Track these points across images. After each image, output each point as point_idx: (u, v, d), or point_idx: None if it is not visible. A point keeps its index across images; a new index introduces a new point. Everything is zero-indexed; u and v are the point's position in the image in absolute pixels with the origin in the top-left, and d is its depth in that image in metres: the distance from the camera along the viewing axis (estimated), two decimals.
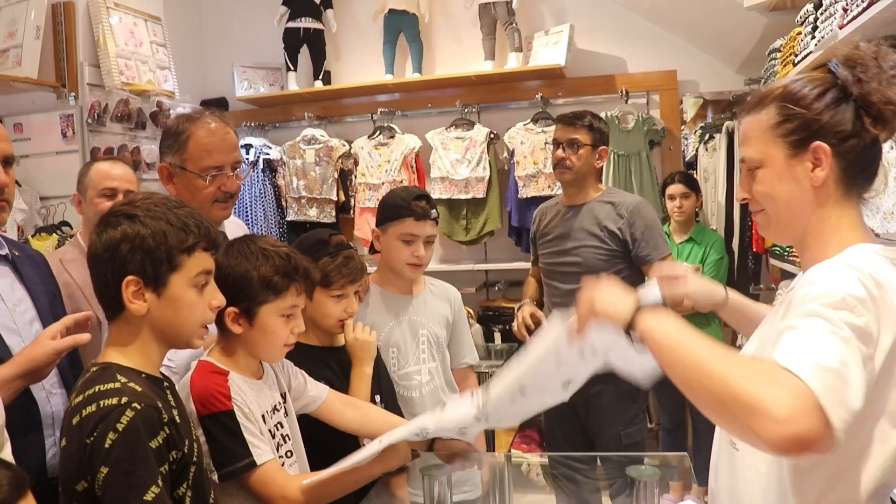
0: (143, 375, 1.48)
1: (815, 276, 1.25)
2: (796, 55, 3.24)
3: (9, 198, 1.88)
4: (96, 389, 1.39)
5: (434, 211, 2.44)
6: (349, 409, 2.06)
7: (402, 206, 2.42)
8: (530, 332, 3.07)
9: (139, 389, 1.41)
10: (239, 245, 1.83)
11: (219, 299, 1.57)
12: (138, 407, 1.36)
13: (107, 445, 1.32)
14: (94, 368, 1.47)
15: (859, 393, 1.10)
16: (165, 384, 1.56)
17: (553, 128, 4.60)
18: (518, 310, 3.25)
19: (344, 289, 2.16)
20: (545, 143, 4.58)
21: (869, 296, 1.17)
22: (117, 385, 1.39)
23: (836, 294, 1.17)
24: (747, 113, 1.42)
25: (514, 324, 3.22)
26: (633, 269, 3.09)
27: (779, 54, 3.65)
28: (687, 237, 4.16)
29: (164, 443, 1.40)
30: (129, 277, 1.45)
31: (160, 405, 1.42)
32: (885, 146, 1.77)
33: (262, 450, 1.72)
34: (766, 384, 1.06)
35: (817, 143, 1.32)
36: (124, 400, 1.36)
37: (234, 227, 2.34)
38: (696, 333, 1.19)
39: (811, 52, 2.97)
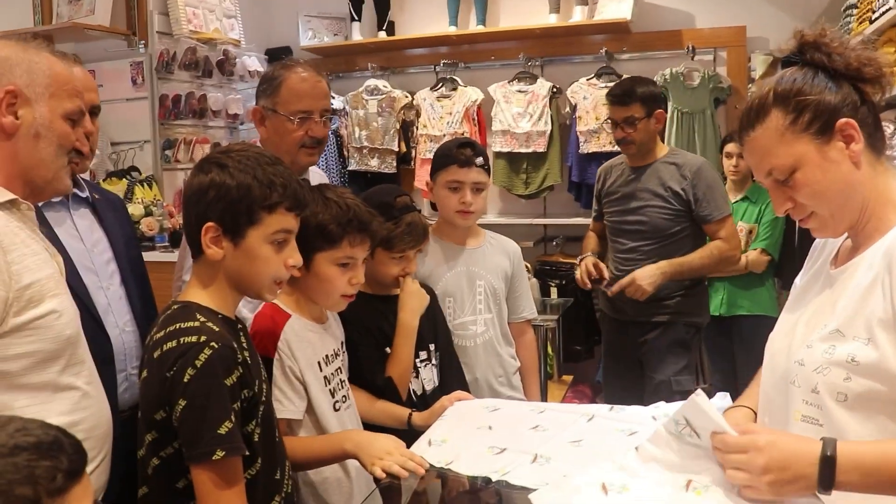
0: (220, 316, 1.54)
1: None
2: (874, 11, 3.14)
3: (93, 146, 1.98)
4: (177, 326, 1.46)
5: (480, 158, 2.44)
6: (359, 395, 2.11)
7: (447, 154, 2.46)
8: (593, 282, 3.27)
9: (217, 329, 1.47)
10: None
11: (296, 258, 1.61)
12: (216, 346, 1.43)
13: (185, 380, 1.40)
14: (176, 306, 1.54)
15: None
16: (239, 326, 1.62)
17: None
18: (580, 261, 3.36)
19: (405, 252, 2.19)
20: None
21: None
22: (196, 324, 1.46)
23: None
24: (751, 128, 1.39)
25: (577, 272, 3.35)
26: (694, 227, 3.21)
27: (855, 10, 3.54)
28: (742, 196, 4.09)
29: (237, 381, 1.46)
30: (209, 224, 1.51)
31: (235, 346, 1.49)
32: None
33: (283, 406, 1.79)
34: None
35: (842, 119, 1.32)
36: (203, 338, 1.43)
37: (317, 178, 2.41)
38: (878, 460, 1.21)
39: (890, 9, 2.87)
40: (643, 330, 3.26)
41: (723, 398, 2.05)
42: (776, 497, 1.26)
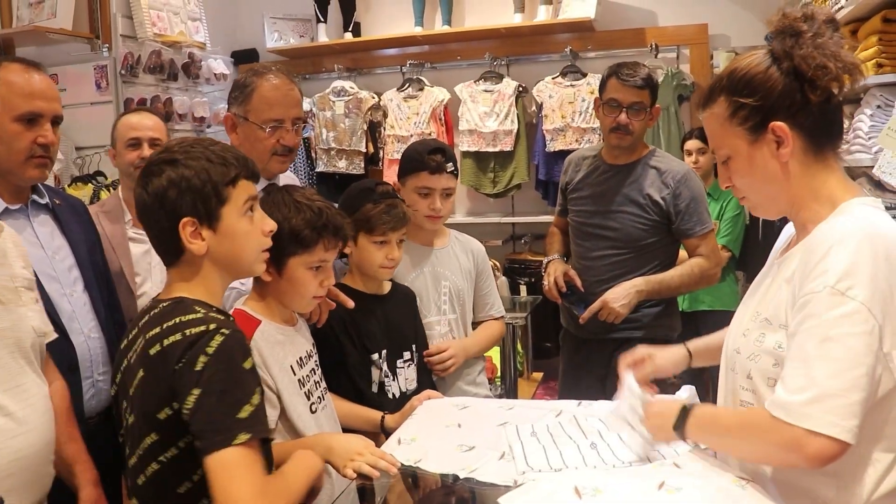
0: (213, 308, 1.50)
1: (818, 248, 1.29)
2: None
3: (53, 156, 1.96)
4: (177, 320, 1.41)
5: (451, 164, 2.45)
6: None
7: (417, 159, 2.46)
8: (562, 295, 2.94)
9: (222, 317, 1.45)
10: (275, 195, 1.87)
11: (269, 224, 1.61)
12: (227, 332, 1.39)
13: (198, 368, 1.34)
14: (165, 304, 1.49)
15: (859, 398, 1.22)
16: (229, 317, 1.57)
17: (581, 82, 4.64)
18: (547, 266, 3.07)
19: (386, 235, 2.21)
20: (574, 98, 4.58)
21: (879, 286, 1.23)
22: (199, 315, 1.42)
23: (844, 302, 1.23)
24: (703, 108, 1.46)
25: (545, 283, 3.01)
26: (669, 240, 2.89)
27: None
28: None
29: (253, 367, 1.42)
30: (185, 219, 1.48)
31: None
32: None
33: None
34: (778, 443, 1.27)
35: (774, 122, 1.35)
36: (212, 326, 1.38)
37: (286, 180, 2.40)
38: (720, 426, 1.44)
39: (842, 8, 2.93)
40: (610, 348, 2.82)
41: (688, 391, 2.09)
42: (658, 439, 1.59)
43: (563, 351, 3.20)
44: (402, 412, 2.07)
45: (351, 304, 2.07)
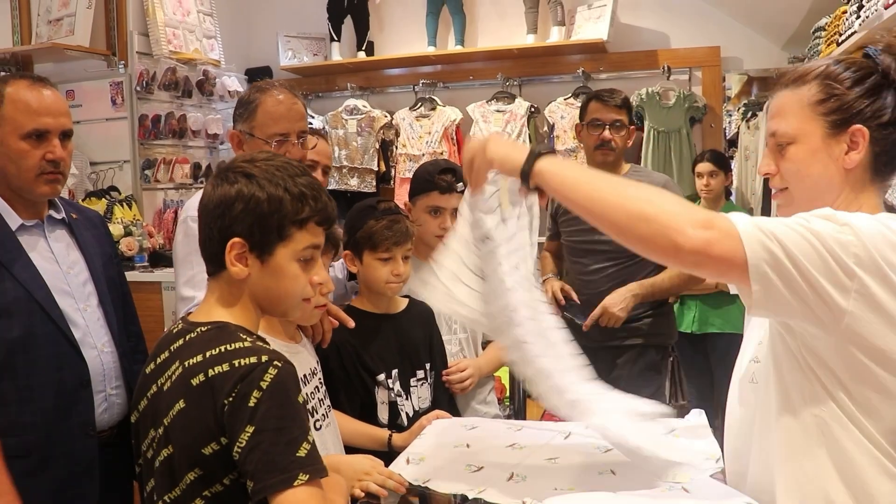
0: (255, 336, 1.42)
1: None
2: (841, 34, 3.22)
3: (64, 170, 1.97)
4: (222, 349, 1.32)
5: (461, 184, 2.47)
6: None
7: (427, 179, 2.49)
8: (561, 308, 3.10)
9: (271, 348, 1.36)
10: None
11: (321, 276, 1.53)
12: (280, 365, 1.30)
13: (251, 404, 1.25)
14: (204, 329, 1.40)
15: (789, 263, 1.16)
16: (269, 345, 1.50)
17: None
18: (543, 284, 3.22)
19: (390, 251, 2.21)
20: None
21: (860, 233, 1.18)
22: (247, 344, 1.33)
23: (827, 211, 1.22)
24: (785, 87, 1.40)
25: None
26: None
27: (823, 33, 3.61)
28: None
29: (305, 401, 1.35)
30: (235, 239, 1.38)
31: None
32: None
33: None
34: (687, 206, 1.22)
35: (858, 125, 1.32)
36: (265, 358, 1.29)
37: None
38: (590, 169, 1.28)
39: (855, 32, 2.95)
40: (613, 355, 3.11)
41: (698, 416, 2.08)
42: (488, 164, 1.48)
43: None
44: (410, 431, 2.07)
45: (351, 323, 2.06)
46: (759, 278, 1.17)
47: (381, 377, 2.20)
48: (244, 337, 1.36)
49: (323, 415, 1.94)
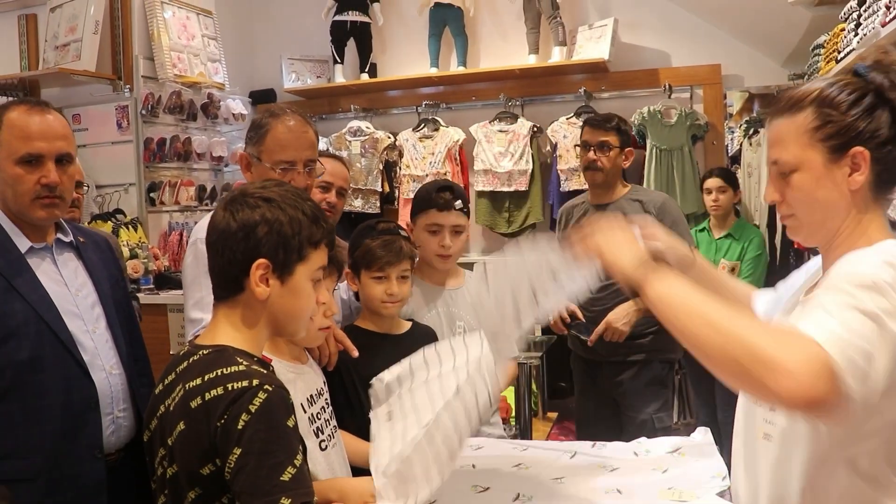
0: (255, 359, 1.47)
1: (843, 262, 1.28)
2: (839, 52, 3.24)
3: (63, 195, 1.96)
4: (218, 373, 1.37)
5: (459, 201, 2.49)
6: None
7: (425, 198, 2.52)
8: (567, 326, 3.17)
9: (265, 372, 1.41)
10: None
11: (325, 296, 1.58)
12: (270, 388, 1.34)
13: (239, 427, 1.30)
14: (206, 352, 1.45)
15: (880, 371, 1.13)
16: (271, 367, 1.54)
17: None
18: None
19: (384, 270, 2.21)
20: None
21: None
22: (241, 368, 1.38)
23: (865, 276, 1.19)
24: (781, 114, 1.41)
25: (550, 317, 3.18)
26: None
27: (822, 50, 3.64)
28: (725, 233, 4.15)
29: (296, 424, 1.38)
30: (261, 260, 1.44)
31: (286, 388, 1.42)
32: None
33: None
34: (785, 344, 1.11)
35: (858, 148, 1.32)
36: (255, 382, 1.34)
37: None
38: (705, 292, 1.25)
39: (854, 50, 2.97)
40: (618, 370, 3.22)
41: (704, 434, 2.09)
42: (598, 258, 1.43)
43: (575, 373, 3.55)
44: None
45: (355, 353, 2.07)
46: (863, 403, 1.14)
47: None
48: (241, 361, 1.40)
49: (329, 435, 1.94)
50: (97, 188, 4.58)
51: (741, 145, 4.95)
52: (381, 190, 5.19)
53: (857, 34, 2.95)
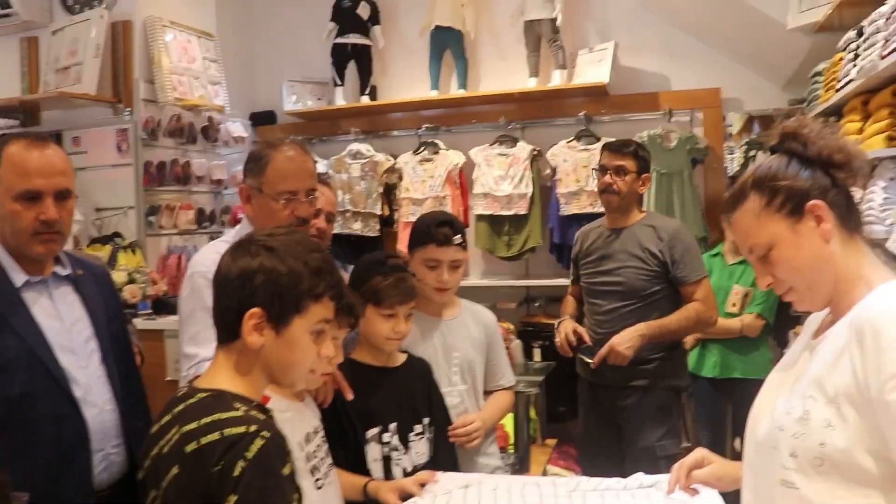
0: (254, 403, 1.46)
1: (883, 339, 1.27)
2: (838, 80, 3.23)
3: (62, 230, 1.96)
4: (216, 418, 1.35)
5: (458, 237, 2.47)
6: None
7: (425, 232, 2.48)
8: (573, 348, 3.23)
9: (262, 418, 1.40)
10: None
11: (329, 350, 1.56)
12: (267, 435, 1.33)
13: (236, 474, 1.29)
14: (203, 395, 1.44)
15: None
16: (270, 412, 1.53)
17: (596, 146, 4.68)
18: (559, 325, 3.35)
19: (394, 308, 2.21)
20: (588, 161, 4.61)
21: None
22: (239, 413, 1.37)
23: None
24: (731, 211, 1.50)
25: (557, 339, 3.31)
26: (672, 288, 3.20)
27: (821, 78, 3.63)
28: (739, 259, 4.09)
29: (291, 472, 1.37)
30: (254, 310, 1.43)
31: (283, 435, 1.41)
32: None
33: None
34: None
35: (812, 202, 1.41)
36: (253, 428, 1.33)
37: None
38: None
39: (852, 80, 2.96)
40: (622, 395, 3.22)
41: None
42: None
43: (580, 397, 3.53)
44: (392, 484, 2.08)
45: (350, 395, 2.06)
46: None
47: (374, 432, 2.19)
48: (238, 406, 1.39)
49: (325, 473, 1.93)
50: (96, 211, 4.57)
51: (741, 166, 4.92)
52: (380, 213, 5.18)
53: (855, 65, 2.95)
